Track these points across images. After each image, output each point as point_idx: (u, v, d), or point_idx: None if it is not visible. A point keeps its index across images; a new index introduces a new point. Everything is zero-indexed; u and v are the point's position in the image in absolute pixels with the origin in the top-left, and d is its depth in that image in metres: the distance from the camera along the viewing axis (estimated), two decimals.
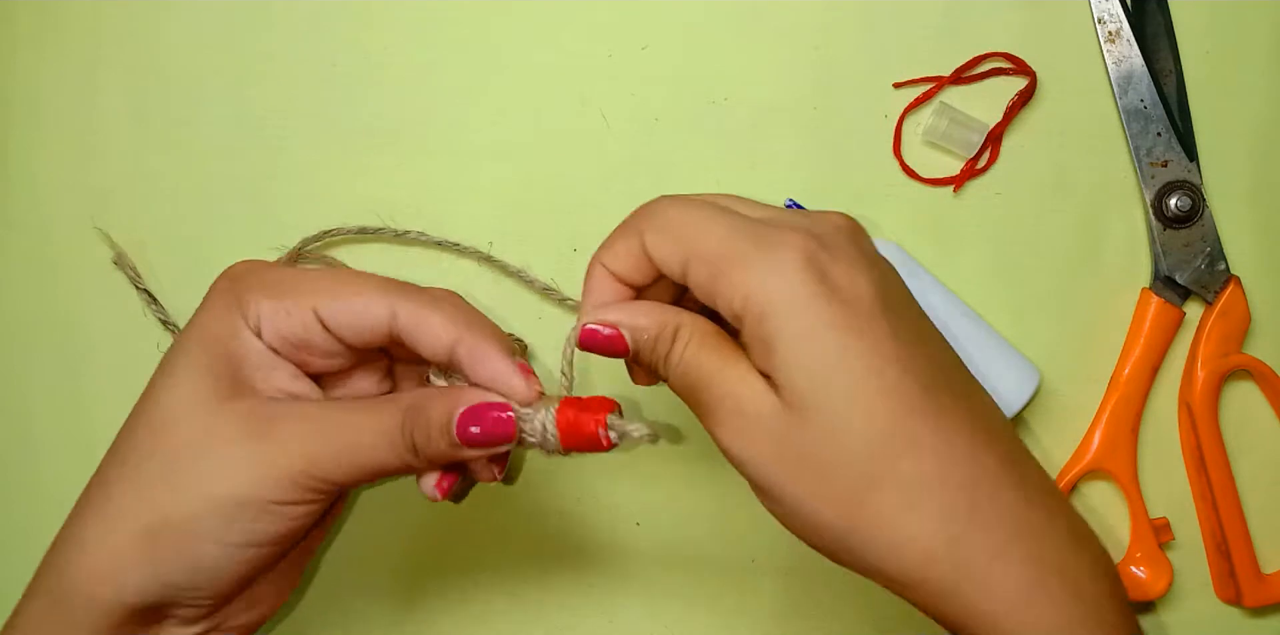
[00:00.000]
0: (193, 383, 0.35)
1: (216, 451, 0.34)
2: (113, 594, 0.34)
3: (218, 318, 0.36)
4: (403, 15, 0.46)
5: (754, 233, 0.33)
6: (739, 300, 0.32)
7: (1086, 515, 0.45)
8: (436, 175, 0.46)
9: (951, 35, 0.45)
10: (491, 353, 0.35)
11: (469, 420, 0.34)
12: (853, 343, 0.31)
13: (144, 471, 0.35)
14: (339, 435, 0.35)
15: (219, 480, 0.34)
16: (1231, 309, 0.44)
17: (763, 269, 0.32)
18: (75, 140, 0.47)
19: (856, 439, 0.31)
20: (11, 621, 0.36)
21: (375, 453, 0.35)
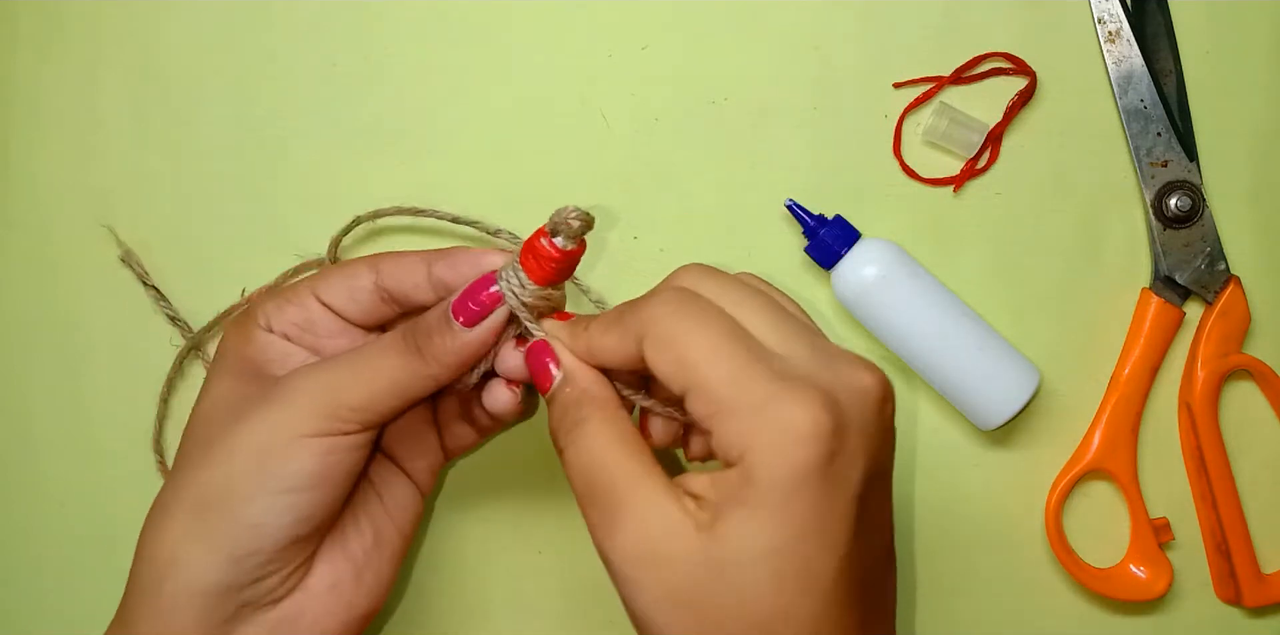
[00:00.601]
0: (221, 384, 0.38)
1: (240, 422, 0.36)
2: (182, 579, 0.35)
3: (235, 329, 0.39)
4: (403, 15, 0.46)
5: (768, 380, 0.30)
6: (735, 450, 0.30)
7: (1086, 515, 0.45)
8: (436, 175, 0.46)
9: (951, 35, 0.45)
10: (460, 254, 0.37)
11: (461, 305, 0.35)
12: (811, 531, 0.30)
13: (189, 460, 0.36)
14: (345, 363, 0.36)
15: (244, 439, 0.35)
16: (1231, 309, 0.44)
17: (769, 431, 0.30)
18: (76, 140, 0.47)
19: (757, 609, 0.30)
20: (117, 618, 0.37)
21: (384, 366, 0.36)
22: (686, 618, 0.30)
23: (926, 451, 0.45)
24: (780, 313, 0.33)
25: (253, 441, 0.35)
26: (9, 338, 0.47)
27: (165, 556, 0.35)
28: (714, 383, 0.31)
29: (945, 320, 0.42)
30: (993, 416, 0.42)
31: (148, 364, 0.46)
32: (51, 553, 0.47)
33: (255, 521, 0.35)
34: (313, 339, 0.38)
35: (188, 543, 0.35)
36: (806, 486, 0.30)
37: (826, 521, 0.30)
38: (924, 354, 0.42)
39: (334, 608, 0.37)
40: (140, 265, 0.46)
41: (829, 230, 0.43)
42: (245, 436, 0.35)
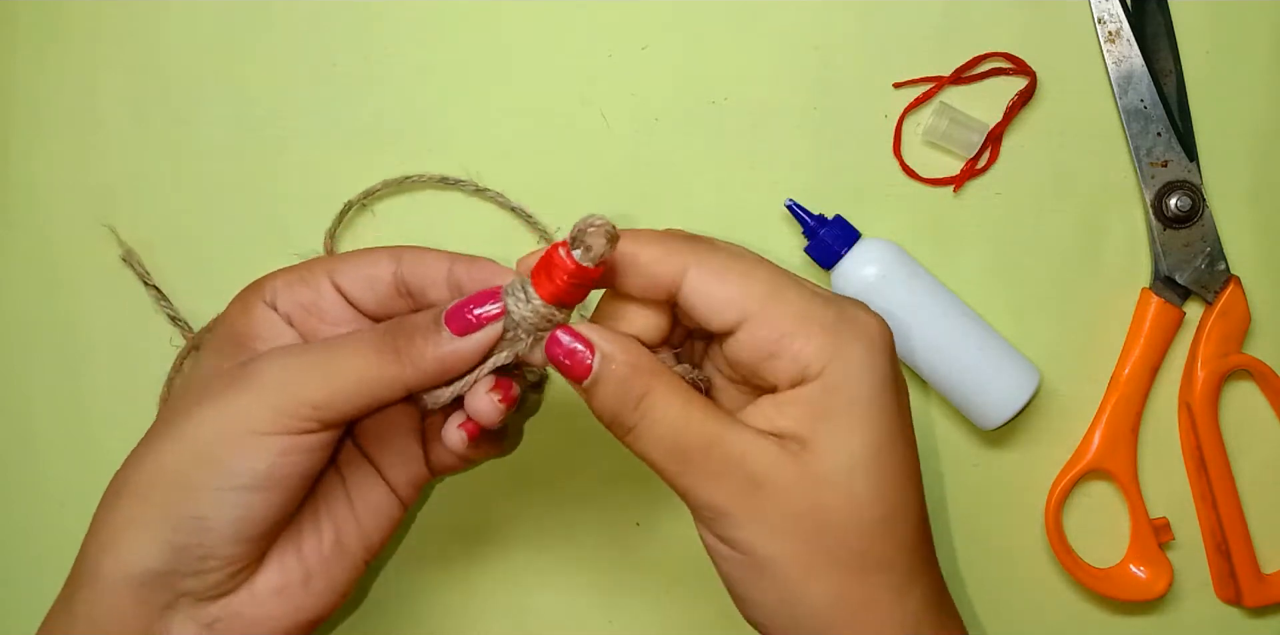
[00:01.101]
0: (207, 357, 0.37)
1: (201, 404, 0.34)
2: (121, 561, 0.34)
3: (236, 305, 0.37)
4: (403, 15, 0.46)
5: (835, 304, 0.33)
6: (815, 366, 0.32)
7: (1086, 515, 0.45)
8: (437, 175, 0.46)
9: (951, 35, 0.45)
10: (479, 261, 0.36)
11: (456, 312, 0.34)
12: (897, 432, 0.33)
13: (154, 436, 0.35)
14: (316, 356, 0.34)
15: (201, 426, 0.34)
16: (1231, 309, 0.44)
17: (853, 343, 0.32)
18: (76, 140, 0.47)
19: (872, 512, 0.32)
20: (61, 595, 0.36)
21: (355, 363, 0.34)
22: (808, 543, 0.32)
23: (926, 451, 0.45)
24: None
25: (207, 430, 0.33)
26: (9, 338, 0.47)
27: (108, 537, 0.34)
28: (786, 305, 0.32)
29: (945, 320, 0.42)
30: (993, 416, 0.42)
31: (148, 364, 0.46)
32: (51, 553, 0.47)
33: (199, 514, 0.33)
34: (315, 324, 0.37)
35: (131, 526, 0.34)
36: (887, 391, 0.32)
37: (905, 423, 0.33)
38: (924, 354, 0.42)
39: (278, 611, 0.36)
40: (141, 265, 0.46)
41: (829, 230, 0.43)
42: (201, 423, 0.34)
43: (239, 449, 0.33)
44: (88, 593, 0.34)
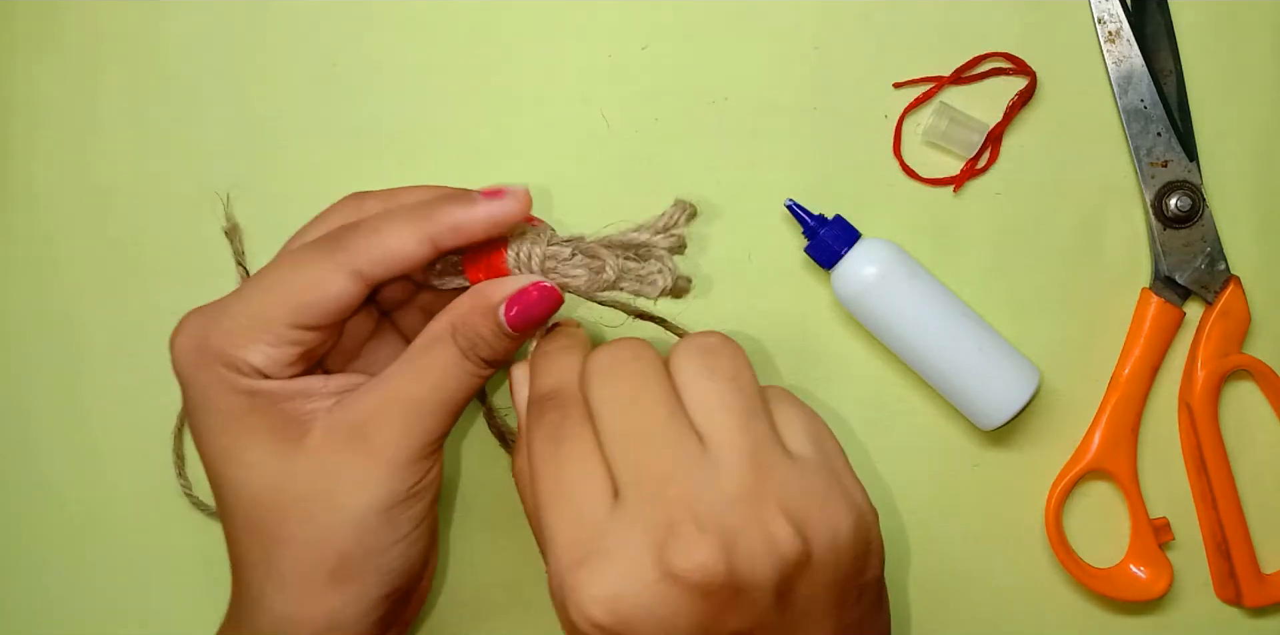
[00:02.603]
0: (254, 455, 0.35)
1: (333, 489, 0.34)
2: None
3: (218, 390, 0.35)
4: (403, 15, 0.46)
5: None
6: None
7: (1086, 515, 0.45)
8: (436, 175, 0.46)
9: (951, 35, 0.45)
10: (453, 214, 0.35)
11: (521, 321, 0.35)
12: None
13: (290, 540, 0.35)
14: (406, 397, 0.35)
15: (356, 508, 0.34)
16: (1231, 309, 0.44)
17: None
18: (75, 140, 0.47)
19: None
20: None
21: (448, 385, 0.35)
22: None
23: (927, 451, 0.45)
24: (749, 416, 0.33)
25: (367, 510, 0.34)
26: (9, 338, 0.47)
27: (326, 621, 0.35)
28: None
29: (945, 320, 0.42)
30: (993, 416, 0.42)
31: (148, 364, 0.46)
32: (51, 553, 0.47)
33: (399, 565, 0.36)
34: (309, 359, 0.36)
35: (349, 605, 0.35)
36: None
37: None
38: (924, 354, 0.42)
39: (429, 571, 0.40)
40: (240, 242, 0.45)
41: (829, 230, 0.43)
42: (357, 508, 0.34)
43: (404, 505, 0.35)
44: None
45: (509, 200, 0.35)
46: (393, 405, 0.34)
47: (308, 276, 0.35)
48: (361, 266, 0.35)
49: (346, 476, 0.34)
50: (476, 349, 0.35)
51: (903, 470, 0.45)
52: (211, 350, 0.35)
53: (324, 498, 0.34)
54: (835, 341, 0.45)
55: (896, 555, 0.45)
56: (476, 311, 0.35)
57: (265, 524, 0.35)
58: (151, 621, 0.47)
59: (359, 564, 0.34)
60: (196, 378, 0.35)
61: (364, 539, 0.34)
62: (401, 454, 0.34)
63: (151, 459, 0.46)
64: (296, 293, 0.34)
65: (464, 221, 0.35)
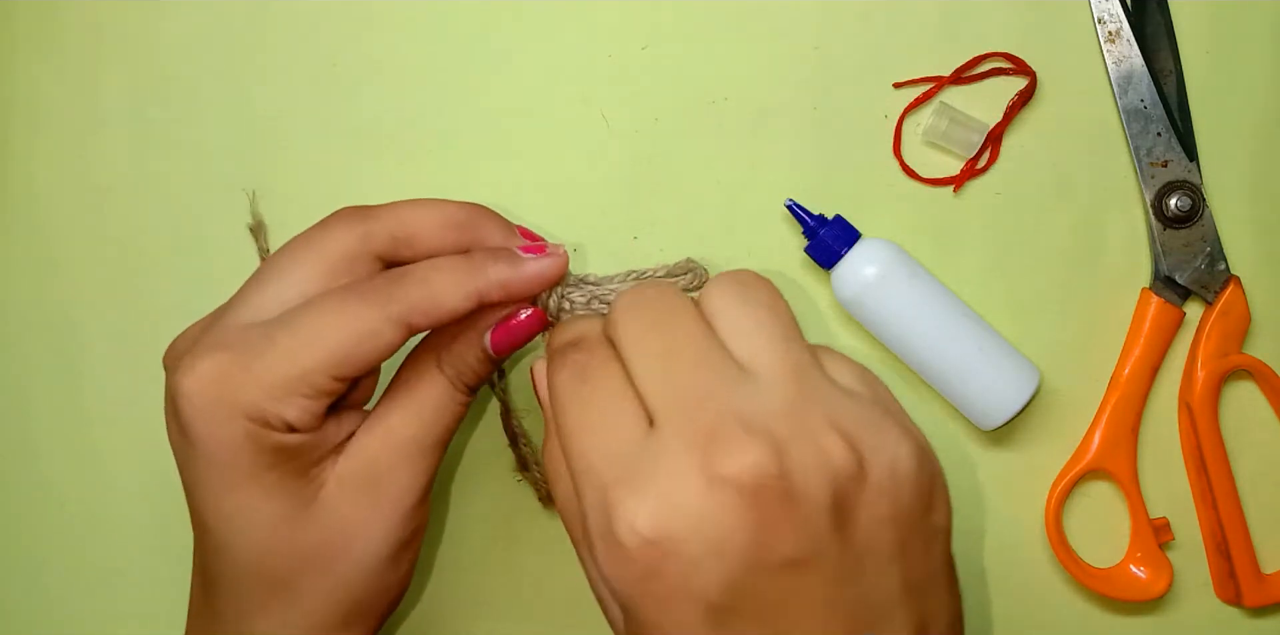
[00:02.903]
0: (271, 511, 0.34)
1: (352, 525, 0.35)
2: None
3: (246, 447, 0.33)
4: (402, 15, 0.46)
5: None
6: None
7: (1086, 515, 0.45)
8: (436, 175, 0.46)
9: (951, 35, 0.45)
10: (508, 274, 0.35)
11: (505, 344, 0.36)
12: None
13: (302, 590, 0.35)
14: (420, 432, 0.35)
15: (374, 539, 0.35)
16: (1231, 309, 0.44)
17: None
18: (75, 140, 0.47)
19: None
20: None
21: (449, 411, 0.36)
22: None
23: None
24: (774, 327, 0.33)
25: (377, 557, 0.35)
26: (9, 338, 0.47)
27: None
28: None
29: (945, 320, 0.42)
30: (993, 416, 0.42)
31: (148, 364, 0.46)
32: (51, 553, 0.47)
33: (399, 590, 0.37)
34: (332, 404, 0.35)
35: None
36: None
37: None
38: (924, 354, 0.42)
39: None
40: (266, 240, 0.46)
41: (829, 230, 0.43)
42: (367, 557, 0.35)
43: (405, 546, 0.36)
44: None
45: (554, 260, 0.36)
46: (396, 448, 0.35)
47: (358, 329, 0.33)
48: (413, 320, 0.34)
49: (361, 526, 0.34)
50: (463, 377, 0.36)
51: None
52: (239, 402, 0.32)
53: (340, 548, 0.34)
54: (835, 341, 0.45)
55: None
56: (463, 339, 0.36)
57: (278, 575, 0.34)
58: (151, 621, 0.47)
59: (370, 606, 0.36)
60: (213, 431, 0.33)
61: (375, 583, 0.35)
62: (409, 498, 0.35)
63: (151, 459, 0.46)
64: (345, 345, 0.33)
65: (513, 281, 0.35)
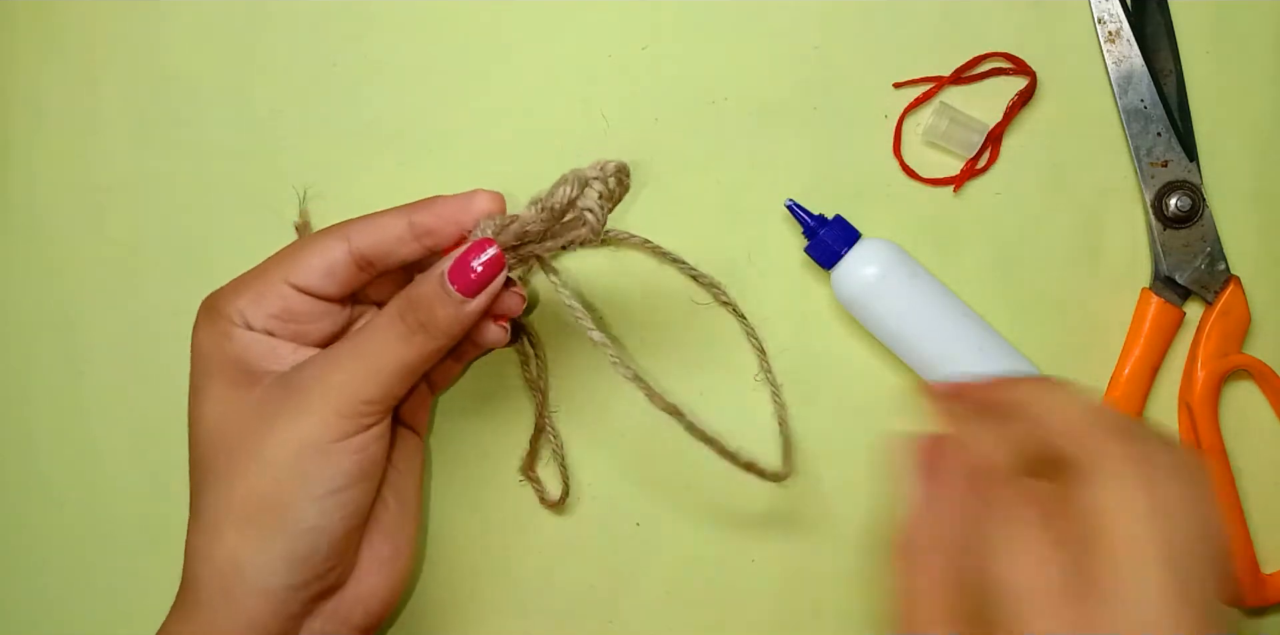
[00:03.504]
0: (216, 390, 0.37)
1: (262, 429, 0.36)
2: (250, 583, 0.36)
3: (206, 333, 0.38)
4: (403, 15, 0.46)
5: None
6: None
7: None
8: (436, 175, 0.46)
9: (951, 35, 0.45)
10: (436, 201, 0.38)
11: (459, 274, 0.36)
12: None
13: (216, 473, 0.37)
14: (348, 355, 0.37)
15: (276, 449, 0.36)
16: (1231, 309, 0.44)
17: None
18: (75, 140, 0.47)
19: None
20: (178, 617, 0.37)
21: (390, 353, 0.36)
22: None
23: None
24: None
25: (285, 453, 0.36)
26: (9, 338, 0.47)
27: (228, 563, 0.36)
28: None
29: (945, 320, 0.42)
30: None
31: (148, 364, 0.46)
32: (51, 553, 0.47)
33: (310, 525, 0.36)
34: (295, 327, 0.38)
35: (249, 551, 0.36)
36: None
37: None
38: (924, 354, 0.42)
39: (383, 582, 0.39)
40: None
41: (829, 230, 0.43)
42: (276, 449, 0.36)
43: (325, 460, 0.36)
44: (220, 613, 0.36)
45: (483, 192, 0.38)
46: (327, 372, 0.36)
47: (306, 242, 0.38)
48: (350, 234, 0.37)
49: (275, 419, 0.36)
50: (416, 314, 0.36)
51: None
52: (214, 306, 0.38)
53: (252, 437, 0.36)
54: (835, 341, 0.45)
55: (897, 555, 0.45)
56: (422, 279, 0.37)
57: (205, 460, 0.37)
58: (151, 621, 0.47)
59: (268, 510, 0.36)
60: (196, 331, 0.38)
61: (278, 484, 0.36)
62: (328, 406, 0.36)
63: (151, 459, 0.46)
64: (293, 254, 0.38)
65: (441, 204, 0.38)
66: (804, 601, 0.45)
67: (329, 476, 0.36)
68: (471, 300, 0.36)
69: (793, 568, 0.45)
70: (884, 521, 0.45)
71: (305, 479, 0.36)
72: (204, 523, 0.36)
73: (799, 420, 0.45)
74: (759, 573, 0.45)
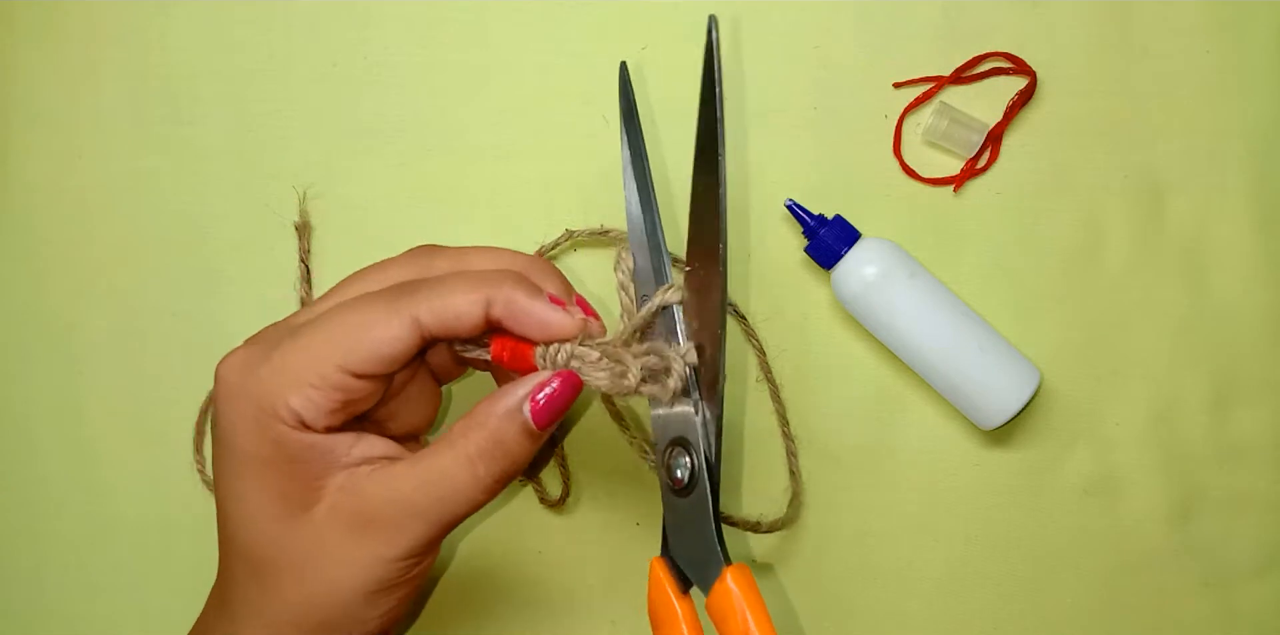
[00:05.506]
0: (268, 507, 0.35)
1: (328, 561, 0.35)
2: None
3: (248, 430, 0.34)
4: (403, 15, 0.46)
5: None
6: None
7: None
8: (436, 175, 0.46)
9: (951, 35, 0.45)
10: (519, 299, 0.35)
11: (546, 417, 0.35)
12: None
13: (279, 590, 0.35)
14: (421, 497, 0.35)
15: (345, 584, 0.35)
16: None
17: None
18: (75, 140, 0.47)
19: None
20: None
21: (463, 498, 0.35)
22: None
23: (927, 451, 0.45)
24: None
25: (356, 588, 0.35)
26: (8, 338, 0.47)
27: None
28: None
29: (945, 320, 0.42)
30: (993, 416, 0.42)
31: (147, 365, 0.46)
32: (51, 553, 0.47)
33: (371, 629, 0.36)
34: (351, 410, 0.35)
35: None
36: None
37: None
38: (924, 354, 0.42)
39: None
40: (308, 240, 0.46)
41: (829, 230, 0.43)
42: (346, 583, 0.35)
43: (390, 591, 0.36)
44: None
45: (568, 321, 0.35)
46: (395, 507, 0.34)
47: (365, 318, 0.34)
48: (421, 316, 0.34)
49: (340, 557, 0.35)
50: (491, 455, 0.35)
51: (903, 470, 0.45)
52: (253, 388, 0.34)
53: (317, 569, 0.35)
54: (835, 341, 0.45)
55: (896, 555, 0.45)
56: (497, 414, 0.35)
57: (260, 568, 0.35)
58: (151, 621, 0.47)
59: (338, 629, 0.36)
60: (229, 413, 0.34)
61: (347, 612, 0.35)
62: (393, 551, 0.35)
63: (151, 459, 0.46)
64: (351, 333, 0.34)
65: (520, 310, 0.35)
66: (803, 602, 0.45)
67: (393, 600, 0.36)
68: (546, 431, 0.35)
69: (793, 567, 0.45)
70: (883, 521, 0.45)
71: (373, 606, 0.35)
72: (269, 630, 0.36)
73: (799, 420, 0.45)
74: (757, 574, 0.45)
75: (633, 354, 0.36)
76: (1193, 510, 0.45)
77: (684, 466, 0.37)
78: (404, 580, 0.36)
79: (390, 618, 0.37)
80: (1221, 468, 0.45)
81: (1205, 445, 0.45)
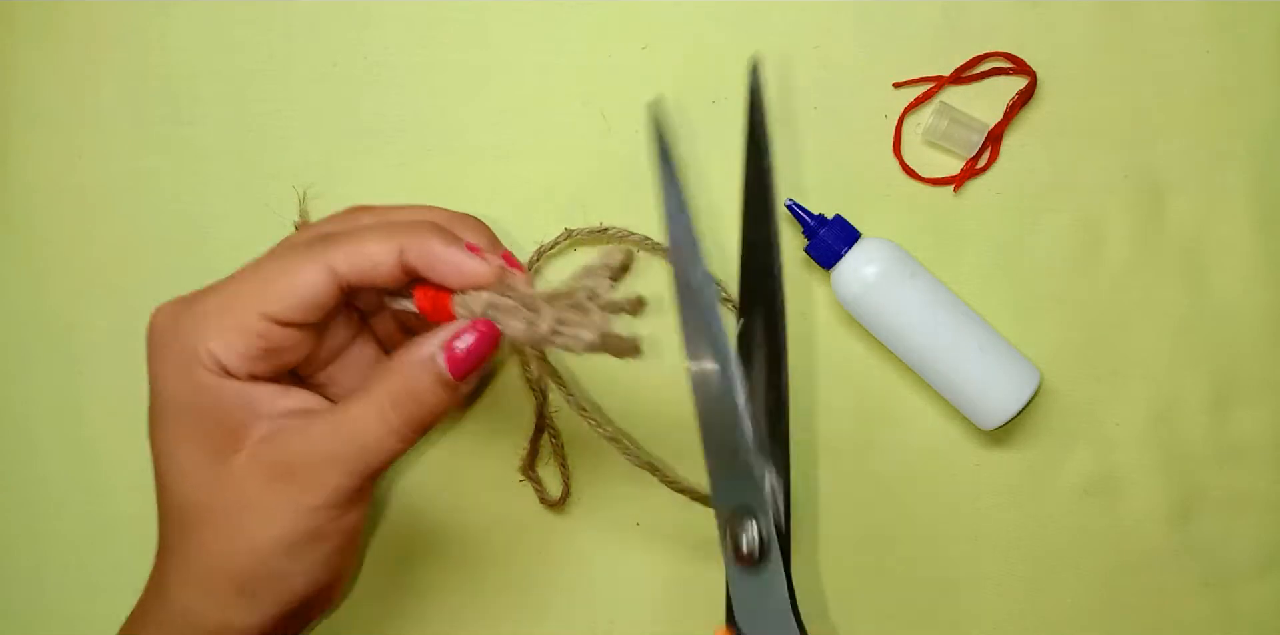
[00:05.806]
0: (192, 456, 0.35)
1: (248, 513, 0.35)
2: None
3: (172, 375, 0.35)
4: (403, 15, 0.46)
5: None
6: None
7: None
8: (436, 175, 0.46)
9: (951, 35, 0.45)
10: (434, 247, 0.35)
11: (462, 367, 0.34)
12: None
13: (202, 546, 0.36)
14: (338, 443, 0.35)
15: (267, 533, 0.35)
16: None
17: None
18: (74, 139, 0.47)
19: None
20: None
21: (379, 446, 0.35)
22: None
23: (927, 451, 0.45)
24: None
25: (277, 538, 0.35)
26: (8, 338, 0.47)
27: (221, 627, 0.36)
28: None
29: (945, 320, 0.42)
30: (993, 416, 0.42)
31: (143, 365, 0.46)
32: (51, 553, 0.47)
33: (300, 591, 0.36)
34: (274, 360, 0.35)
35: (241, 616, 0.36)
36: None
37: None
38: (924, 354, 0.42)
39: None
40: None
41: (829, 230, 0.43)
42: (268, 533, 0.35)
43: (314, 543, 0.35)
44: None
45: (483, 267, 0.35)
46: (311, 456, 0.35)
47: (282, 266, 0.35)
48: (336, 264, 0.35)
49: (259, 507, 0.35)
50: (404, 404, 0.35)
51: (903, 470, 0.45)
52: (178, 334, 0.35)
53: (236, 521, 0.35)
54: (835, 341, 0.45)
55: (896, 555, 0.45)
56: (410, 362, 0.35)
57: (186, 523, 0.36)
58: None
59: (260, 584, 0.35)
60: (155, 361, 0.36)
61: (267, 564, 0.35)
62: (310, 500, 0.35)
63: (150, 459, 0.46)
64: (269, 279, 0.35)
65: (435, 258, 0.35)
66: (803, 601, 0.45)
67: (315, 554, 0.36)
68: (465, 382, 0.35)
69: (792, 567, 0.45)
70: (884, 521, 0.45)
71: (293, 559, 0.35)
72: (195, 585, 0.36)
73: (800, 420, 0.45)
74: None
75: (549, 303, 0.34)
76: (1193, 510, 0.45)
77: (751, 538, 0.36)
78: (325, 533, 0.35)
79: (314, 578, 0.36)
80: (1221, 468, 0.45)
81: (1205, 445, 0.45)
